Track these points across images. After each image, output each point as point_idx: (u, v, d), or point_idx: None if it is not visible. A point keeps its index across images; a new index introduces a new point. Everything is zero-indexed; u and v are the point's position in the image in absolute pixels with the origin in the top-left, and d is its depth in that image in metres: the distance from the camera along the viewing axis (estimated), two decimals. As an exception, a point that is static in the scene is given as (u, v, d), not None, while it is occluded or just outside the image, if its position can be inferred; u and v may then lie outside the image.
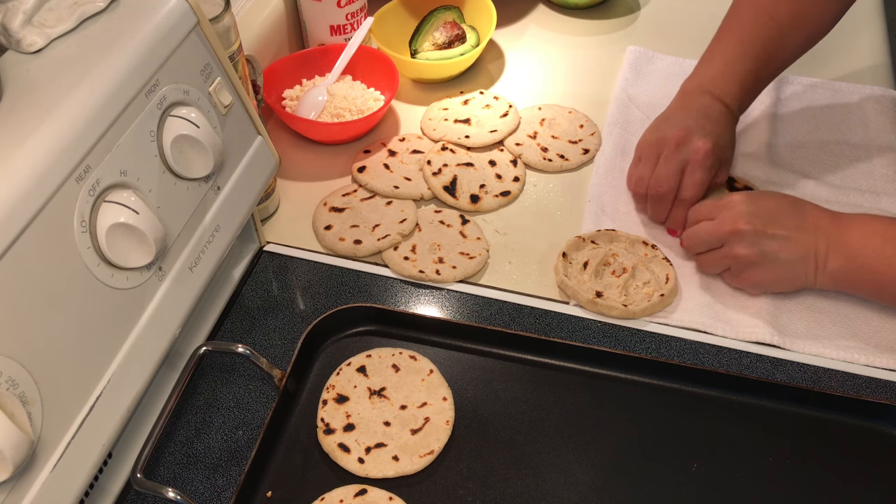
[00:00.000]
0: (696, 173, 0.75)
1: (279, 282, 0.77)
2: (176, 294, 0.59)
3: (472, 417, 0.66)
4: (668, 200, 0.77)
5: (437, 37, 0.98)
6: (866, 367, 0.69)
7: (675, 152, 0.76)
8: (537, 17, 1.10)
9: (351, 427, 0.65)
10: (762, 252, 0.69)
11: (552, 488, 0.62)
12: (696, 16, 1.08)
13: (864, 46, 1.02)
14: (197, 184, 0.61)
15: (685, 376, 0.69)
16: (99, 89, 0.51)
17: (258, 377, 0.69)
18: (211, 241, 0.63)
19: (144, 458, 0.58)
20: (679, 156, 0.76)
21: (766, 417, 0.67)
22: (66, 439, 0.50)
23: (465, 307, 0.74)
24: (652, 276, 0.74)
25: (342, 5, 0.94)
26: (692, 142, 0.75)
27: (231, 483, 0.62)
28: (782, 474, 0.63)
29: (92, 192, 0.50)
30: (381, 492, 0.61)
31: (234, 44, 0.70)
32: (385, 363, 0.69)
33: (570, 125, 0.92)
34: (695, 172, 0.75)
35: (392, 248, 0.78)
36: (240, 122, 0.66)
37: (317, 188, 0.86)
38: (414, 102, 0.96)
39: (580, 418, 0.66)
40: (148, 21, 0.56)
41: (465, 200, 0.83)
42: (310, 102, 0.90)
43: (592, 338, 0.71)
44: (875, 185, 0.84)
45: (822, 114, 0.92)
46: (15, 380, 0.45)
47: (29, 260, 0.46)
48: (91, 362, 0.52)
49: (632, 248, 0.77)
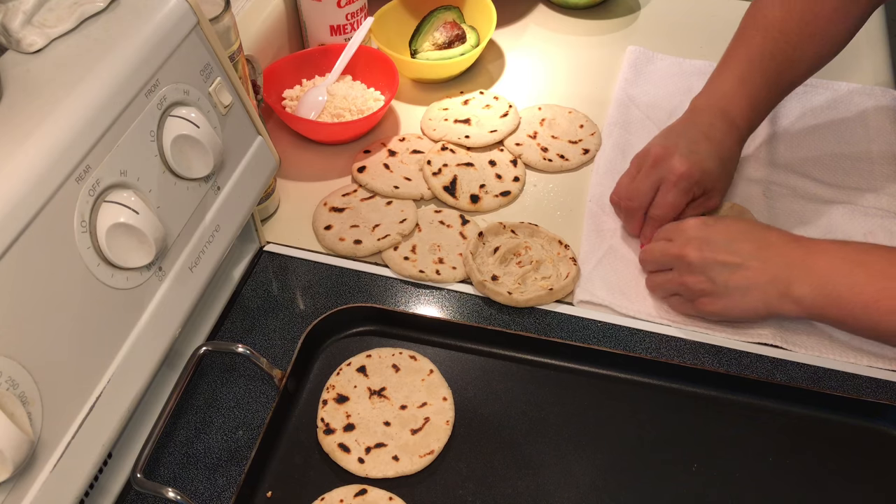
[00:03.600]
0: (668, 194, 0.74)
1: (279, 282, 0.77)
2: (176, 294, 0.59)
3: (472, 417, 0.66)
4: (639, 215, 0.76)
5: (437, 37, 0.98)
6: (866, 367, 0.68)
7: (653, 169, 0.75)
8: (537, 17, 1.10)
9: (351, 427, 0.65)
10: (711, 279, 0.67)
11: (552, 488, 0.62)
12: (695, 16, 1.08)
13: (864, 47, 1.02)
14: (197, 184, 0.61)
15: (685, 376, 0.69)
16: (99, 89, 0.51)
17: (258, 377, 0.69)
18: (211, 241, 0.63)
19: (144, 458, 0.58)
20: (655, 173, 0.74)
21: (766, 417, 0.67)
22: (66, 439, 0.50)
23: (465, 307, 0.74)
24: (554, 272, 0.75)
25: (342, 5, 0.94)
26: (670, 161, 0.73)
27: (231, 483, 0.62)
28: (782, 474, 0.63)
29: (92, 192, 0.50)
30: (381, 492, 0.61)
31: (234, 44, 0.70)
32: (385, 363, 0.69)
33: (570, 125, 0.92)
34: (667, 192, 0.74)
35: (392, 248, 0.78)
36: (240, 122, 0.66)
37: (317, 188, 0.86)
38: (414, 102, 0.96)
39: (580, 418, 0.66)
40: (148, 21, 0.56)
41: (465, 200, 0.83)
42: (310, 102, 0.90)
43: (592, 338, 0.71)
44: (875, 185, 0.84)
45: (822, 114, 0.92)
46: (15, 380, 0.45)
47: (29, 260, 0.46)
48: (91, 362, 0.52)
49: (547, 245, 0.78)
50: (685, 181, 0.73)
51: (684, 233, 0.70)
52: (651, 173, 0.75)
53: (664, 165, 0.74)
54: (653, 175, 0.75)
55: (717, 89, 0.79)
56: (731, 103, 0.77)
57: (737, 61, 0.79)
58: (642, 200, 0.75)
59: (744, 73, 0.77)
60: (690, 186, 0.74)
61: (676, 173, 0.73)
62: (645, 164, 0.76)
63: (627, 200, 0.76)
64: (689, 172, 0.73)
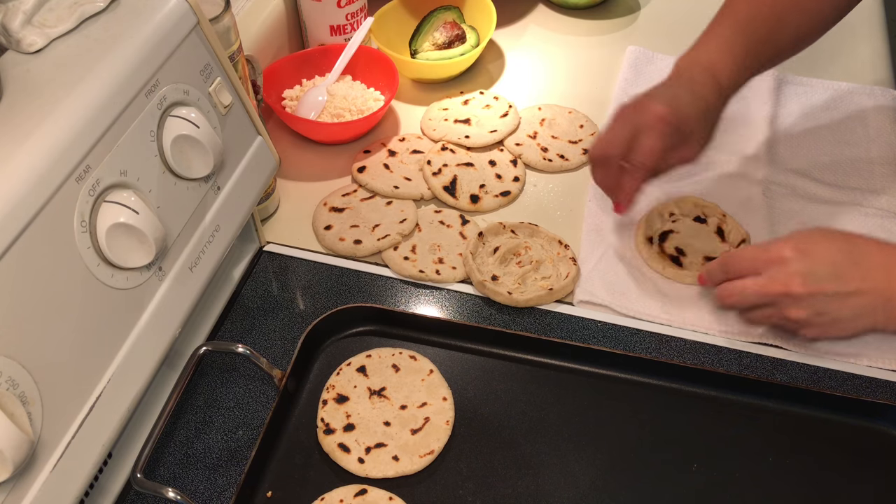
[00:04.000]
0: (646, 138, 0.70)
1: (279, 282, 0.77)
2: (176, 294, 0.59)
3: (472, 417, 0.66)
4: (612, 165, 0.72)
5: (437, 37, 0.98)
6: (866, 367, 0.68)
7: (630, 115, 0.71)
8: (537, 17, 1.10)
9: (351, 427, 0.65)
10: (819, 312, 0.64)
11: (552, 488, 0.62)
12: (696, 16, 1.07)
13: (864, 46, 1.02)
14: (197, 184, 0.61)
15: (685, 376, 0.68)
16: (99, 89, 0.51)
17: (258, 377, 0.69)
18: (211, 241, 0.63)
19: (144, 458, 0.58)
20: (633, 119, 0.71)
21: (766, 417, 0.67)
22: (66, 439, 0.50)
23: (465, 307, 0.74)
24: (554, 272, 0.75)
25: (342, 5, 0.94)
26: (648, 105, 0.70)
27: (231, 483, 0.62)
28: (782, 474, 0.63)
29: (92, 192, 0.50)
30: (381, 492, 0.61)
31: (234, 44, 0.70)
32: (385, 363, 0.69)
33: (570, 125, 0.92)
34: (644, 137, 0.70)
35: (392, 248, 0.78)
36: (240, 122, 0.66)
37: (317, 188, 0.86)
38: (414, 102, 0.96)
39: (580, 418, 0.66)
40: (148, 21, 0.56)
41: (465, 200, 0.83)
42: (310, 102, 0.90)
43: (592, 338, 0.71)
44: (875, 185, 0.84)
45: (822, 114, 0.92)
46: (15, 380, 0.45)
47: (29, 260, 0.46)
48: (91, 362, 0.52)
49: (547, 245, 0.78)
50: (663, 124, 0.69)
51: (784, 266, 0.65)
52: (627, 120, 0.71)
53: (642, 110, 0.71)
54: (629, 121, 0.71)
55: (701, 50, 0.76)
56: (714, 62, 0.74)
57: (722, 27, 0.77)
58: (617, 147, 0.71)
59: (729, 37, 0.75)
60: (669, 130, 0.70)
61: (654, 116, 0.69)
62: (622, 112, 0.73)
63: (600, 149, 0.73)
64: (667, 115, 0.69)
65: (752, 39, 0.75)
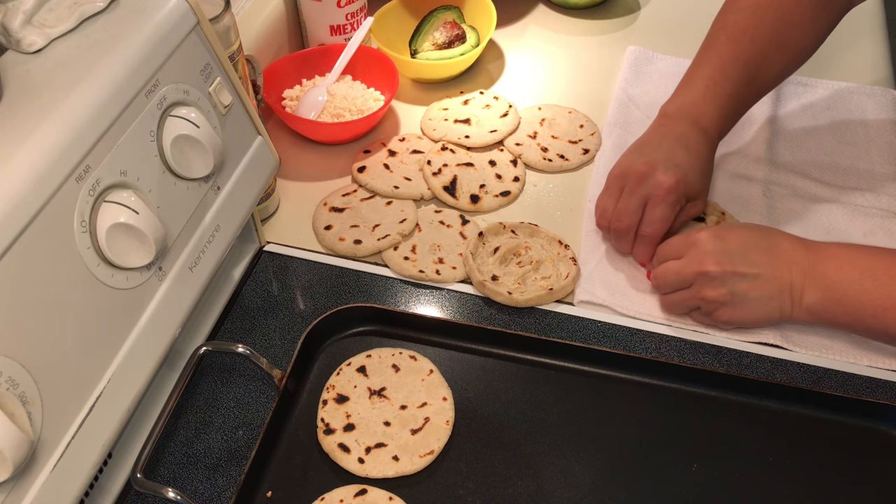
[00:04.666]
0: (657, 209, 0.72)
1: (279, 282, 0.77)
2: (176, 294, 0.59)
3: (472, 417, 0.66)
4: (630, 235, 0.75)
5: (437, 37, 0.98)
6: (866, 367, 0.69)
7: (638, 187, 0.73)
8: (537, 17, 1.10)
9: (351, 427, 0.65)
10: (732, 292, 0.67)
11: (552, 488, 0.62)
12: (696, 16, 1.08)
13: (864, 46, 1.02)
14: (197, 184, 0.61)
15: (685, 376, 0.69)
16: (99, 89, 0.51)
17: (258, 377, 0.69)
18: (211, 241, 0.63)
19: (144, 458, 0.58)
20: (641, 190, 0.73)
21: (766, 417, 0.67)
22: (66, 439, 0.50)
23: (465, 307, 0.74)
24: (554, 272, 0.75)
25: (342, 5, 0.94)
26: (655, 176, 0.72)
27: (231, 483, 0.62)
28: (782, 474, 0.63)
29: (92, 192, 0.50)
30: (381, 492, 0.61)
31: (234, 44, 0.70)
32: (385, 363, 0.69)
33: (570, 125, 0.92)
34: (656, 208, 0.72)
35: (392, 248, 0.78)
36: (240, 122, 0.66)
37: (317, 188, 0.86)
38: (414, 102, 0.96)
39: (580, 418, 0.66)
40: (148, 21, 0.56)
41: (465, 200, 0.83)
42: (310, 102, 0.90)
43: (592, 338, 0.71)
44: (875, 185, 0.84)
45: (822, 113, 0.93)
46: (15, 380, 0.45)
47: (29, 260, 0.46)
48: (91, 362, 0.52)
49: (547, 245, 0.78)
50: (673, 195, 0.72)
51: (699, 247, 0.68)
52: (636, 191, 0.73)
53: (649, 182, 0.73)
54: (638, 193, 0.73)
55: (686, 96, 0.78)
56: (700, 111, 0.76)
57: (706, 67, 0.78)
58: (632, 220, 0.74)
59: (713, 80, 0.77)
60: (678, 199, 0.73)
61: (664, 188, 0.72)
62: (628, 183, 0.74)
63: (617, 222, 0.75)
64: (676, 186, 0.72)
65: (737, 83, 0.77)
